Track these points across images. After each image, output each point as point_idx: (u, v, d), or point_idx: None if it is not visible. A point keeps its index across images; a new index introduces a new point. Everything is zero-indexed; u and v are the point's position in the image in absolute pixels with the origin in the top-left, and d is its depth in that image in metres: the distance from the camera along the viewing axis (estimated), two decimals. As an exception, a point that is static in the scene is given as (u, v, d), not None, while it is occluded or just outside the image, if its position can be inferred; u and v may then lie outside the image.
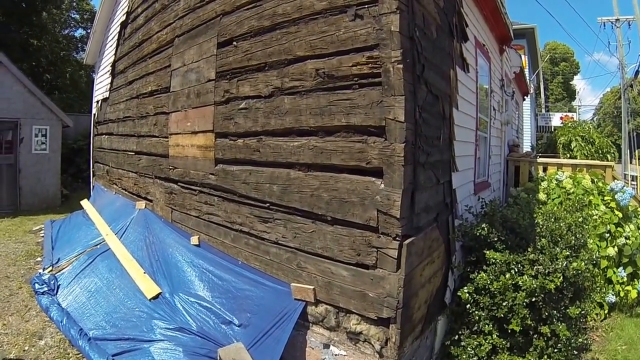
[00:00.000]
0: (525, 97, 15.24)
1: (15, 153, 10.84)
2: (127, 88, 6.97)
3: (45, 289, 4.73)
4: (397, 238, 2.82)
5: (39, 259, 6.15)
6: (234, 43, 4.07)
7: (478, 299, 3.54)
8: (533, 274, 3.51)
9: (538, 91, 25.31)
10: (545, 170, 7.69)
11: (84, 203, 7.78)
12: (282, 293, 3.54)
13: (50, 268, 5.31)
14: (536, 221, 4.52)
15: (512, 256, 3.65)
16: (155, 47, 5.72)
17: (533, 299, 3.38)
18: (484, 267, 3.66)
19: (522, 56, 14.31)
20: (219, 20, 4.30)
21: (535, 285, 3.35)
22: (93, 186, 9.22)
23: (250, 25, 3.86)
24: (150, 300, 4.13)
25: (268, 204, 3.71)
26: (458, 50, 4.32)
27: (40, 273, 5.16)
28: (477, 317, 3.51)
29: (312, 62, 3.31)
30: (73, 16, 20.79)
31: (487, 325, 3.45)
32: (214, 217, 4.39)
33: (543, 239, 3.92)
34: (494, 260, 3.61)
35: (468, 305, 3.57)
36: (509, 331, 3.40)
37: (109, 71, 8.23)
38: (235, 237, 4.12)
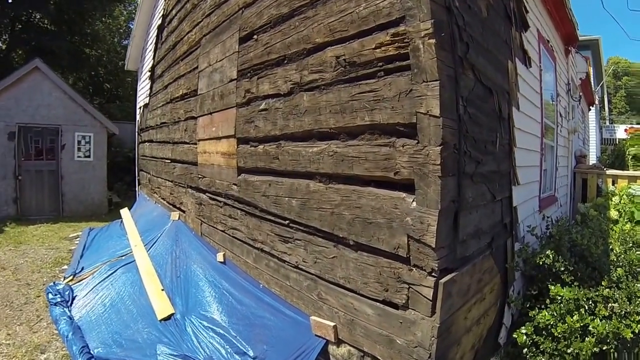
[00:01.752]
0: (590, 107, 13.49)
1: (57, 159, 10.57)
2: (163, 92, 6.52)
3: (59, 299, 4.24)
4: (433, 273, 1.99)
5: (65, 267, 5.73)
6: (255, 36, 3.42)
7: (538, 340, 2.62)
8: (607, 314, 2.58)
9: (602, 104, 22.95)
10: (614, 183, 6.46)
11: (123, 212, 7.43)
12: (302, 326, 2.83)
13: (71, 277, 4.85)
14: (611, 247, 3.51)
15: (582, 291, 2.71)
16: (186, 49, 5.20)
17: (604, 347, 2.47)
18: (547, 303, 2.73)
19: (589, 68, 12.80)
20: (240, 13, 3.67)
21: (607, 330, 2.43)
22: (138, 195, 8.91)
23: (270, 15, 3.20)
24: (161, 321, 3.55)
25: (288, 221, 3.00)
26: (518, 40, 3.39)
27: (55, 283, 4.69)
28: (537, 365, 2.57)
29: (331, 49, 2.57)
30: (131, 26, 20.56)
31: (547, 376, 2.51)
32: (237, 233, 3.73)
33: (619, 269, 2.98)
34: (560, 298, 2.68)
35: (525, 350, 2.63)
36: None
37: (148, 76, 7.82)
38: (256, 257, 3.44)
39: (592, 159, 12.71)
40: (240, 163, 3.61)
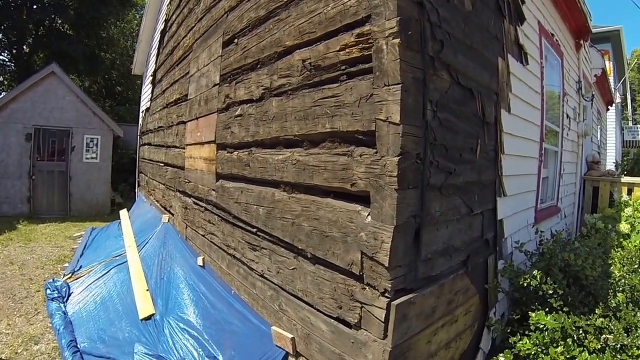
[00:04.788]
0: (609, 106, 12.51)
1: (67, 161, 10.77)
2: (161, 97, 6.47)
3: (56, 295, 4.33)
4: (386, 294, 1.79)
5: (66, 264, 5.81)
6: (235, 40, 3.29)
7: (520, 371, 2.34)
8: (599, 346, 2.25)
9: (624, 103, 21.54)
10: (630, 192, 5.87)
11: (122, 213, 7.41)
12: (265, 335, 2.71)
13: (70, 275, 4.91)
14: (611, 269, 3.14)
15: (570, 319, 2.37)
16: (181, 54, 5.11)
17: None
18: (532, 329, 2.44)
19: (607, 62, 11.89)
20: (225, 17, 3.54)
21: None
22: (137, 196, 8.89)
23: (249, 18, 3.06)
24: (142, 320, 3.55)
25: (256, 229, 2.85)
26: (512, 34, 3.12)
27: (54, 279, 4.77)
28: (516, 399, 2.31)
29: (299, 52, 2.42)
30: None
31: (529, 413, 2.25)
32: (215, 238, 3.61)
33: (619, 295, 2.63)
34: (542, 326, 2.38)
35: (504, 381, 2.37)
36: None
37: (150, 81, 7.80)
38: (229, 263, 3.30)
39: (610, 165, 12.01)
40: (218, 169, 3.49)
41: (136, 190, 9.36)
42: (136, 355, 3.15)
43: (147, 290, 3.97)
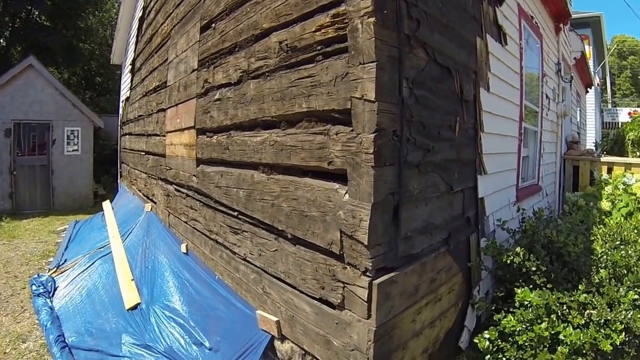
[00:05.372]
0: (588, 89, 12.72)
1: (48, 154, 10.52)
2: (141, 85, 6.33)
3: (42, 290, 4.26)
4: (368, 273, 1.77)
5: (51, 259, 5.71)
6: (213, 25, 3.21)
7: (504, 347, 2.35)
8: (583, 322, 2.26)
9: (604, 86, 21.78)
10: (610, 171, 5.94)
11: (105, 204, 7.27)
12: (250, 319, 2.69)
13: (55, 269, 4.83)
14: (594, 245, 3.15)
15: (554, 296, 2.38)
16: (160, 41, 4.99)
17: None
18: (517, 306, 2.45)
19: (587, 47, 12.02)
20: (202, 2, 3.44)
21: (583, 341, 2.13)
22: (119, 187, 8.76)
23: (226, 2, 2.98)
24: (128, 310, 3.52)
25: (237, 212, 2.81)
26: (490, 15, 3.10)
27: (39, 274, 4.68)
28: (500, 373, 2.33)
29: (275, 34, 2.36)
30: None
31: (512, 386, 2.26)
32: (197, 224, 3.56)
33: (602, 271, 2.64)
34: (527, 303, 2.38)
35: (489, 356, 2.38)
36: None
37: (130, 70, 7.61)
38: (212, 248, 3.27)
39: (590, 145, 12.17)
40: (198, 154, 3.43)
41: (118, 181, 9.21)
42: (124, 346, 3.13)
43: (132, 279, 3.92)
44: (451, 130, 2.43)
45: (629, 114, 21.12)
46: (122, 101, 8.64)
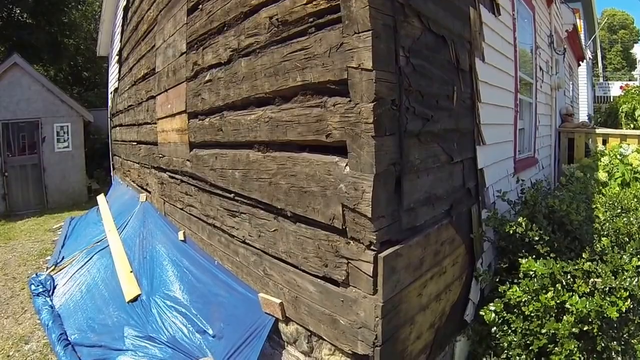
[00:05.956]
0: (580, 62, 12.61)
1: (39, 153, 10.25)
2: (129, 75, 6.17)
3: (41, 289, 4.17)
4: (372, 247, 1.72)
5: (48, 258, 5.61)
6: (200, 6, 3.10)
7: (509, 318, 2.32)
8: (588, 290, 2.24)
9: (595, 60, 21.70)
10: (605, 143, 5.91)
11: (100, 198, 7.16)
12: (252, 303, 2.64)
13: (53, 267, 4.74)
14: (595, 213, 3.12)
15: (558, 265, 2.34)
16: (146, 28, 4.84)
17: (585, 328, 2.15)
18: (521, 276, 2.41)
19: (578, 20, 11.88)
20: (188, -16, 3.32)
21: (589, 309, 2.10)
22: (113, 179, 8.59)
23: (212, -19, 2.85)
24: (128, 303, 3.46)
25: (233, 194, 2.75)
26: (482, -15, 3.02)
27: (37, 274, 4.59)
28: (506, 343, 2.30)
29: (265, 10, 2.28)
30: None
31: (518, 357, 2.24)
32: (193, 210, 3.50)
33: (604, 239, 2.61)
34: (532, 273, 2.35)
35: (495, 328, 2.35)
36: (550, 367, 2.17)
37: (117, 60, 7.42)
38: (210, 233, 3.21)
39: (583, 118, 12.16)
40: (191, 138, 3.35)
41: (111, 174, 9.06)
42: (127, 339, 3.09)
43: (131, 271, 3.86)
44: (449, 100, 2.36)
45: (621, 87, 21.08)
46: (111, 92, 8.44)
